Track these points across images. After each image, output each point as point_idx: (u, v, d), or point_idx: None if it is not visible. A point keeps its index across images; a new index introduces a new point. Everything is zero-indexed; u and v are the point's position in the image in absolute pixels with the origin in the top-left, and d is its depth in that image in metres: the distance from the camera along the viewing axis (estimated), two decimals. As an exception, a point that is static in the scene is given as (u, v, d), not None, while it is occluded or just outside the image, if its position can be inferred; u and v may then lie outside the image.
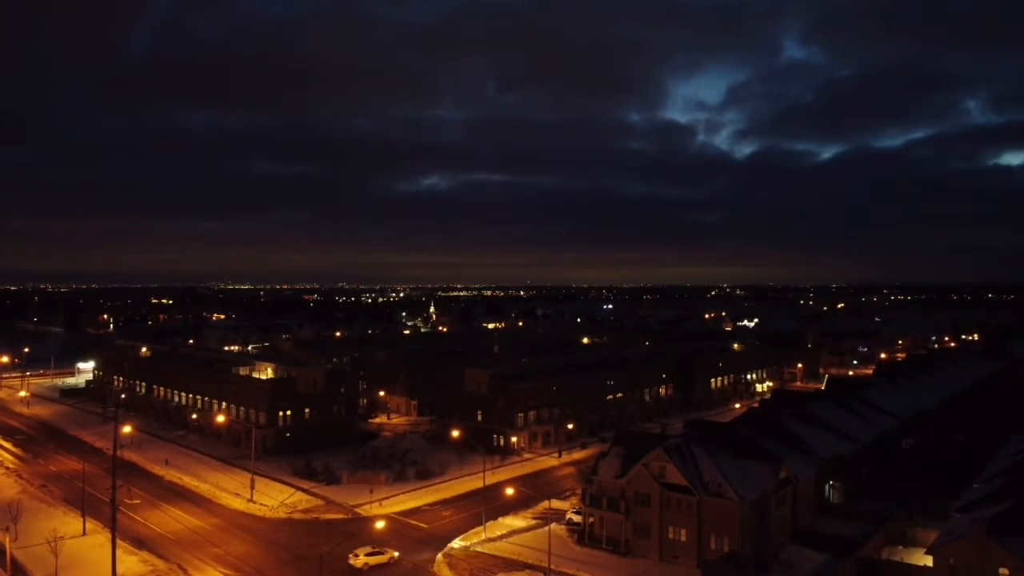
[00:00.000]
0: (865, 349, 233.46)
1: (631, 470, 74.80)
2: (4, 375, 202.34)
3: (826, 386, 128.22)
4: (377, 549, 72.44)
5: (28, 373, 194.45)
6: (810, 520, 77.46)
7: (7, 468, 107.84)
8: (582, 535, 77.36)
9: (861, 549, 67.21)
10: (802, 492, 77.49)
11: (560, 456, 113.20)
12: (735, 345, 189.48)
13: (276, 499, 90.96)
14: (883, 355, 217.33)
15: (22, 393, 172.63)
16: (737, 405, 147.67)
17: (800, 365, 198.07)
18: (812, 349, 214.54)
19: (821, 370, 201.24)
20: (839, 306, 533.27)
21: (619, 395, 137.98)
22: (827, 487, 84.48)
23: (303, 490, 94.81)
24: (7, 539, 66.74)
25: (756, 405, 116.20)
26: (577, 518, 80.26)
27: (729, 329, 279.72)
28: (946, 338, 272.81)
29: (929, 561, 58.45)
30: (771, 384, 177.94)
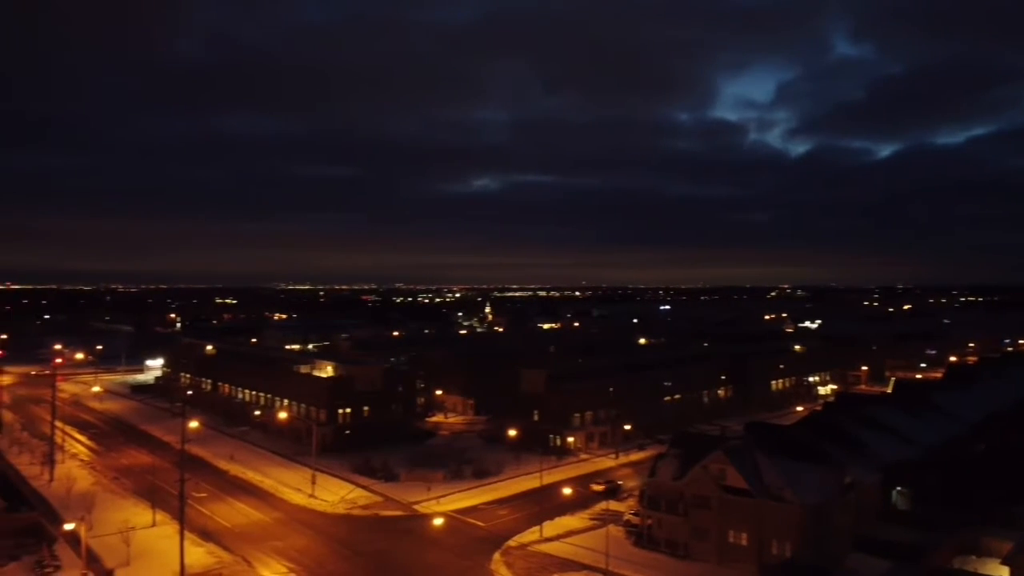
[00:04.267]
0: (933, 351, 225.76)
1: (689, 472, 73.93)
2: (78, 371, 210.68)
3: (892, 389, 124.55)
4: (610, 480, 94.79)
5: (101, 370, 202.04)
6: (875, 527, 75.32)
7: (82, 461, 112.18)
8: (640, 537, 76.75)
9: (929, 558, 65.12)
10: (866, 498, 75.46)
11: (617, 457, 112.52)
12: (796, 346, 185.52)
13: (336, 495, 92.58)
14: (952, 358, 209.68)
15: (95, 389, 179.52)
16: (799, 408, 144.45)
17: (864, 367, 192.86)
18: (877, 351, 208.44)
19: (887, 373, 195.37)
20: (905, 307, 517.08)
21: (676, 396, 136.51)
22: (893, 493, 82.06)
23: (362, 487, 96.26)
24: (82, 528, 69.45)
25: (818, 408, 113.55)
26: (635, 520, 79.68)
27: (790, 330, 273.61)
28: (1021, 341, 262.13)
29: (1005, 572, 56.31)
30: (834, 387, 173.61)
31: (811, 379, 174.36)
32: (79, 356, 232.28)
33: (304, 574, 69.23)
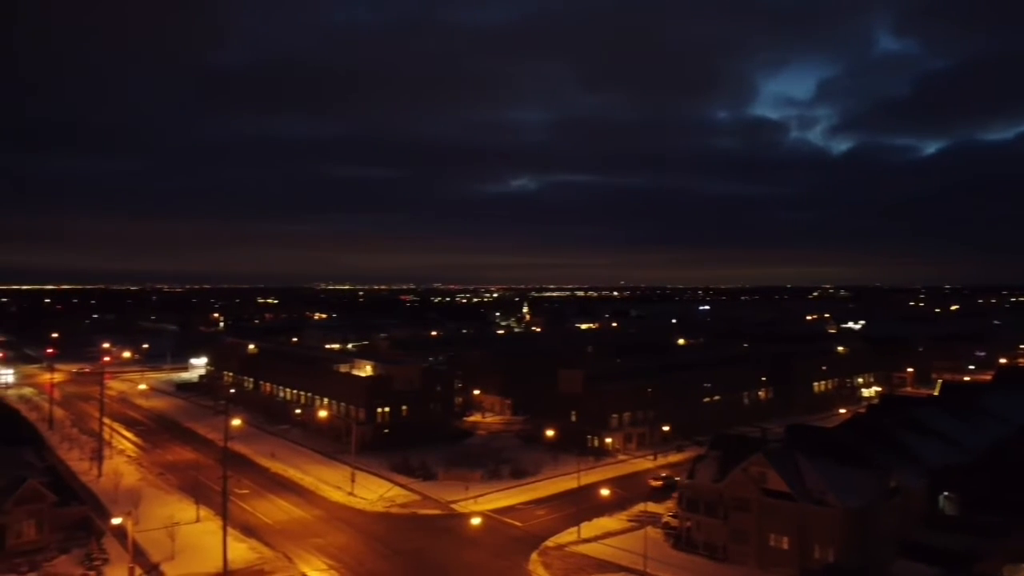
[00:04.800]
0: (982, 353, 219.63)
1: (729, 474, 73.11)
2: (125, 369, 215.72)
3: (939, 392, 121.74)
4: (667, 476, 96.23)
5: (147, 368, 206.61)
6: (921, 533, 73.61)
7: (128, 457, 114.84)
8: (678, 539, 76.14)
9: (977, 565, 63.47)
10: (912, 503, 73.86)
11: (655, 459, 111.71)
12: (839, 348, 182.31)
13: (375, 493, 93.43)
14: (1002, 359, 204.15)
15: (141, 387, 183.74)
16: (842, 410, 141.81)
17: (910, 369, 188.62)
18: (923, 353, 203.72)
19: (934, 375, 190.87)
20: (952, 308, 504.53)
21: (716, 398, 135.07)
22: (940, 498, 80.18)
23: (400, 485, 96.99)
24: (129, 523, 71.12)
25: (862, 411, 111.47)
26: (673, 522, 79.04)
27: (833, 331, 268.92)
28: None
29: (1055, 580, 54.68)
30: (878, 389, 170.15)
31: (854, 381, 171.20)
32: (126, 354, 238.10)
33: (344, 571, 69.98)
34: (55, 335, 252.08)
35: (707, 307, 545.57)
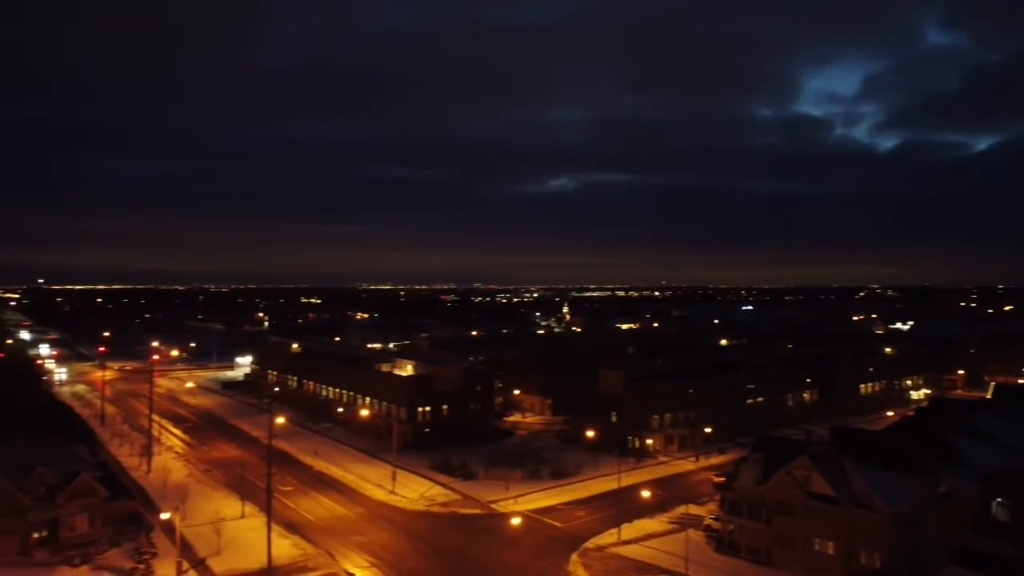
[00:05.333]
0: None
1: (773, 477, 72.05)
2: (173, 367, 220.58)
3: (992, 394, 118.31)
4: (729, 473, 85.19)
5: (194, 366, 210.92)
6: (971, 539, 71.57)
7: (176, 453, 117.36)
8: (720, 542, 75.28)
9: (1033, 573, 61.54)
10: (962, 508, 71.84)
11: (697, 460, 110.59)
12: (887, 349, 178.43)
13: (416, 492, 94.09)
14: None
15: (189, 384, 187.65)
16: (889, 413, 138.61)
17: (961, 372, 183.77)
18: (975, 354, 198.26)
19: (986, 378, 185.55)
20: (1006, 308, 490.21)
21: (759, 399, 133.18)
22: (992, 504, 77.87)
23: (441, 484, 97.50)
24: (177, 518, 72.67)
25: (911, 414, 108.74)
26: (716, 524, 78.17)
27: (880, 332, 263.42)
28: None
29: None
30: (928, 391, 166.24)
31: (903, 383, 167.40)
32: (174, 353, 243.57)
33: (385, 569, 70.58)
34: (107, 334, 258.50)
35: (750, 307, 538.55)
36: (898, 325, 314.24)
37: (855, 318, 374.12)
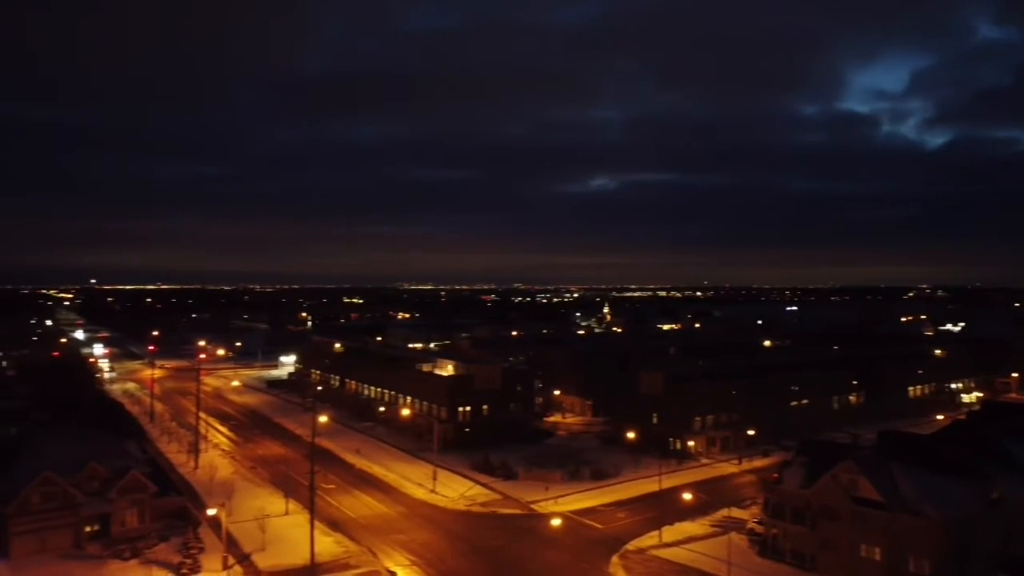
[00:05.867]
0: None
1: (817, 481, 70.79)
2: (219, 366, 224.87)
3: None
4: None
5: (239, 365, 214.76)
6: (1027, 547, 69.61)
7: (223, 450, 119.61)
8: (763, 546, 74.24)
9: (1091, 583, 59.52)
10: (1016, 515, 69.82)
11: (740, 463, 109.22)
12: (936, 351, 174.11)
13: (456, 491, 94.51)
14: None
15: (234, 383, 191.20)
16: (939, 416, 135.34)
17: (1015, 374, 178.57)
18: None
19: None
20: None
21: (803, 401, 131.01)
22: (1048, 511, 75.52)
23: (481, 484, 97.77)
24: (223, 514, 74.07)
25: (961, 417, 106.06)
26: (759, 528, 77.14)
27: (930, 334, 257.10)
28: None
29: None
30: (980, 395, 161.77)
31: (953, 386, 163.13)
32: (221, 352, 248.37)
33: (426, 567, 71.03)
34: (155, 333, 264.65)
35: (794, 308, 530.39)
36: (948, 326, 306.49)
37: (903, 319, 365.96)
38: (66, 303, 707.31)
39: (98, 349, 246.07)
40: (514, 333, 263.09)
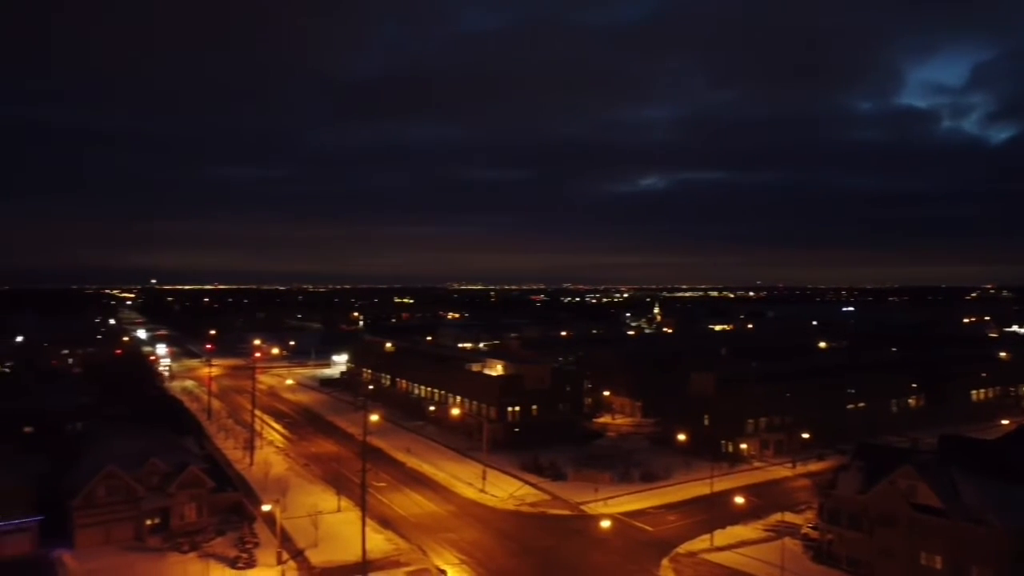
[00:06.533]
0: None
1: (875, 486, 69.04)
2: (274, 365, 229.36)
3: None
4: None
5: (293, 364, 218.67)
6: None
7: (277, 447, 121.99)
8: (818, 552, 72.73)
9: None
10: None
11: (794, 467, 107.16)
12: (1001, 353, 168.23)
13: (505, 491, 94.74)
14: None
15: (288, 381, 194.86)
16: (1004, 421, 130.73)
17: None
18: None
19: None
20: None
21: (860, 404, 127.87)
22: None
23: (530, 484, 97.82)
24: (278, 510, 75.59)
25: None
26: (813, 533, 75.61)
27: (994, 335, 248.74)
28: None
29: None
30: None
31: (1020, 390, 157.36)
32: (275, 351, 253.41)
33: (475, 567, 71.38)
34: (213, 332, 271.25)
35: (851, 308, 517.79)
36: (1014, 328, 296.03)
37: (966, 320, 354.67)
38: (128, 302, 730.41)
39: (161, 349, 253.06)
40: (563, 333, 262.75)
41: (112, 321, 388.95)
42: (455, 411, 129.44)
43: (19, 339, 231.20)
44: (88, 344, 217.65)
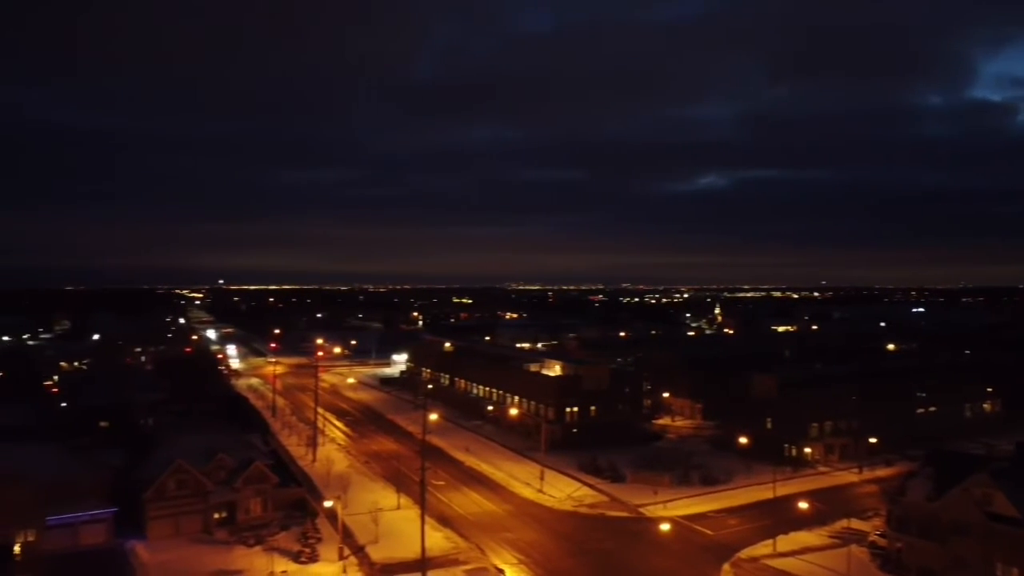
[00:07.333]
0: None
1: (946, 494, 66.63)
2: (336, 363, 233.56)
3: None
4: None
5: (354, 363, 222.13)
6: None
7: (339, 445, 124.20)
8: (886, 560, 70.55)
9: None
10: None
11: (860, 472, 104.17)
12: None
13: (563, 492, 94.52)
14: None
15: (350, 380, 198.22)
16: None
17: None
18: None
19: None
20: None
21: (931, 409, 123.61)
22: None
23: (588, 485, 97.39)
24: (339, 506, 77.00)
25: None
26: (881, 541, 73.37)
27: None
28: None
29: None
30: None
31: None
32: (337, 350, 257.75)
33: (533, 567, 71.41)
34: (277, 331, 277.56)
35: (921, 309, 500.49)
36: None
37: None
38: (197, 302, 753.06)
39: (231, 349, 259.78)
40: (622, 334, 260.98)
41: (182, 320, 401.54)
42: (513, 411, 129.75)
43: (95, 337, 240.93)
44: (159, 342, 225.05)
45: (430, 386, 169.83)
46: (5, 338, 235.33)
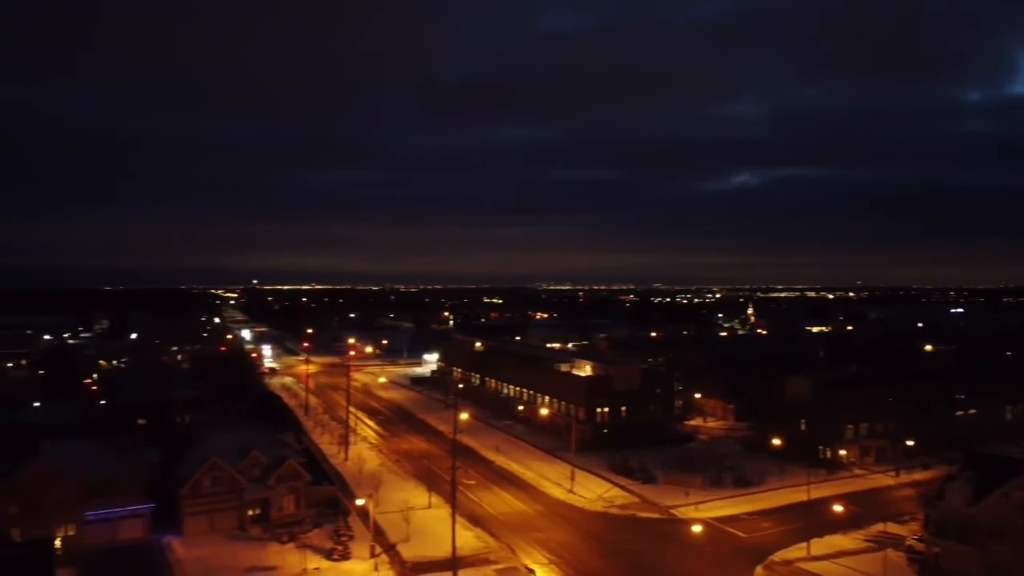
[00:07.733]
0: None
1: (986, 498, 65.32)
2: (367, 363, 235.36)
3: None
4: None
5: (386, 362, 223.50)
6: None
7: (370, 443, 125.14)
8: (923, 566, 69.29)
9: None
10: None
11: (897, 475, 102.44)
12: None
13: (594, 492, 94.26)
14: None
15: (381, 379, 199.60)
16: None
17: None
18: None
19: None
20: None
21: (971, 411, 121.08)
22: None
23: (619, 486, 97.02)
24: (371, 505, 77.57)
25: None
26: (918, 546, 72.08)
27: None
28: None
29: None
30: None
31: None
32: (368, 349, 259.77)
33: (564, 567, 71.33)
34: (310, 331, 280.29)
35: (960, 310, 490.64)
36: None
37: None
38: (231, 302, 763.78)
39: (266, 349, 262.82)
40: (653, 334, 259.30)
41: (217, 320, 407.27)
42: (544, 411, 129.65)
43: (133, 336, 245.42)
44: (195, 342, 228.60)
45: (461, 386, 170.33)
46: (46, 337, 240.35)
